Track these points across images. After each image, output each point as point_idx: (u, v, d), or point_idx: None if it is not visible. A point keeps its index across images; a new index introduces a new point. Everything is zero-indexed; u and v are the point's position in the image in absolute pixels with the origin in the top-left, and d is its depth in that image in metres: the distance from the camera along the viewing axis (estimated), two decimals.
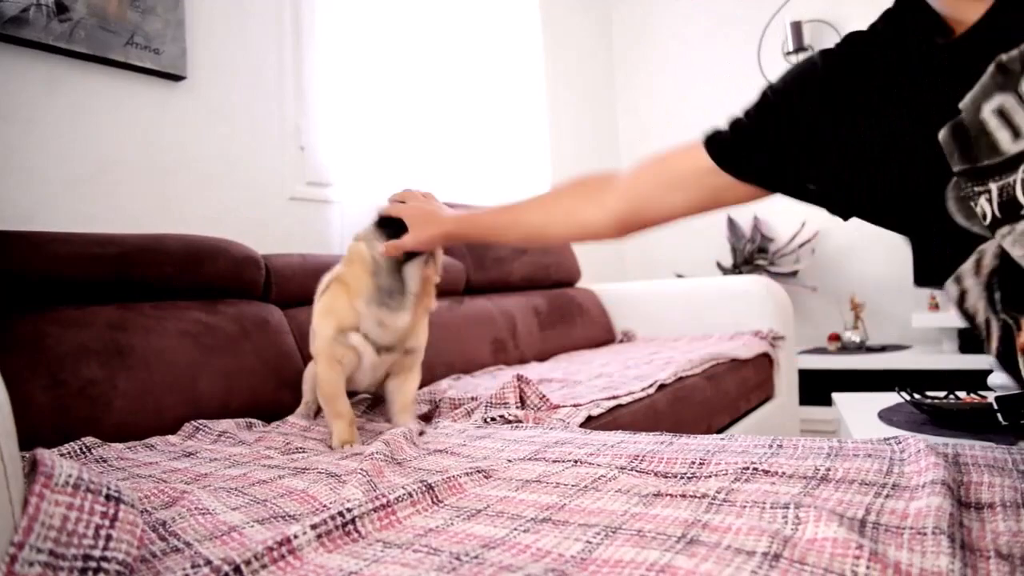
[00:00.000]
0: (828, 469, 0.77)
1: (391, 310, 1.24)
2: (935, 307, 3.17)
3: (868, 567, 0.52)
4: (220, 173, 1.97)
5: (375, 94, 2.40)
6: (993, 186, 0.56)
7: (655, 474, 0.85)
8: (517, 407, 1.33)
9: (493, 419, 1.29)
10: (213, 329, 1.55)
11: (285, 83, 2.15)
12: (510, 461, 0.96)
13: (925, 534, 0.58)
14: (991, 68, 0.56)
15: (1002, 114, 0.55)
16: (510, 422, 1.27)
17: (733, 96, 4.42)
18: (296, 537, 0.64)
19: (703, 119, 4.15)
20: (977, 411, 1.39)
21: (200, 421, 1.36)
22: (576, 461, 0.92)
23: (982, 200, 0.57)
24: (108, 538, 0.58)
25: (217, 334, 1.55)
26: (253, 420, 1.44)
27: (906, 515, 0.63)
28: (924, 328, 3.21)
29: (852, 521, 0.62)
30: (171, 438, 1.29)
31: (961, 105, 0.59)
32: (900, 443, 0.87)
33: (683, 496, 0.74)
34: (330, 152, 2.25)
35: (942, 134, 0.60)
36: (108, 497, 0.61)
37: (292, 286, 1.81)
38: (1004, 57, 0.55)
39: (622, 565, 0.57)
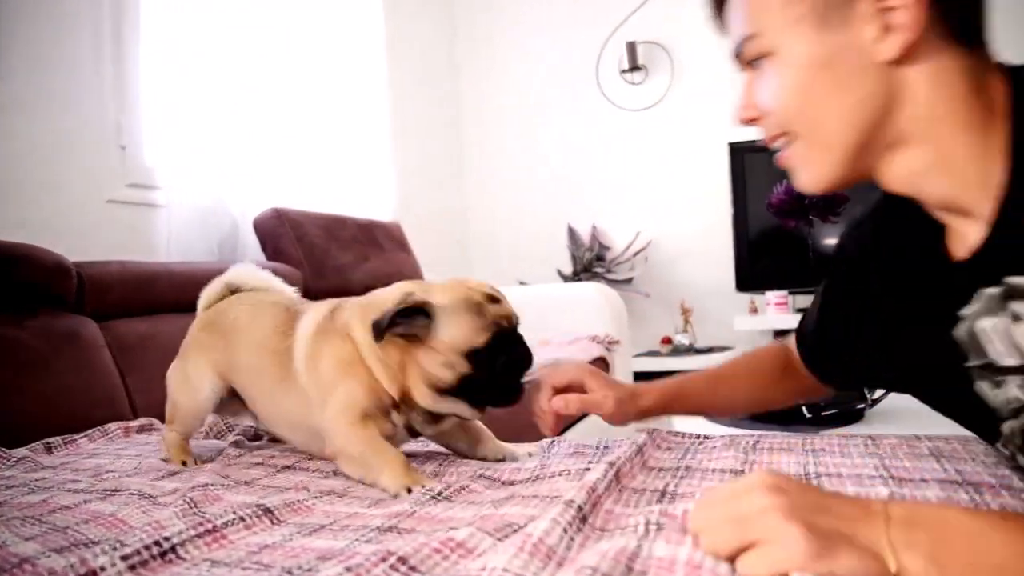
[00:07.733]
0: (625, 460, 0.85)
1: None
2: (754, 311, 3.44)
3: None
4: (28, 172, 1.80)
5: (208, 92, 2.26)
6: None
7: (503, 483, 0.90)
8: None
9: None
10: (17, 345, 1.43)
11: (104, 76, 2.00)
12: None
13: None
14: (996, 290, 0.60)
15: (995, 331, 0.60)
16: None
17: (573, 106, 4.51)
18: (103, 570, 0.59)
19: (545, 126, 4.23)
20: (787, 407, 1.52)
21: None
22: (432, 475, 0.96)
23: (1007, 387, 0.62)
24: None
25: (22, 350, 1.43)
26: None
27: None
28: (746, 331, 3.47)
29: (652, 493, 0.75)
30: None
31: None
32: (707, 438, 1.02)
33: (534, 496, 0.78)
34: (156, 152, 2.11)
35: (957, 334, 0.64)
36: None
37: (112, 297, 1.70)
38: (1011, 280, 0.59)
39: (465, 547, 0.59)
